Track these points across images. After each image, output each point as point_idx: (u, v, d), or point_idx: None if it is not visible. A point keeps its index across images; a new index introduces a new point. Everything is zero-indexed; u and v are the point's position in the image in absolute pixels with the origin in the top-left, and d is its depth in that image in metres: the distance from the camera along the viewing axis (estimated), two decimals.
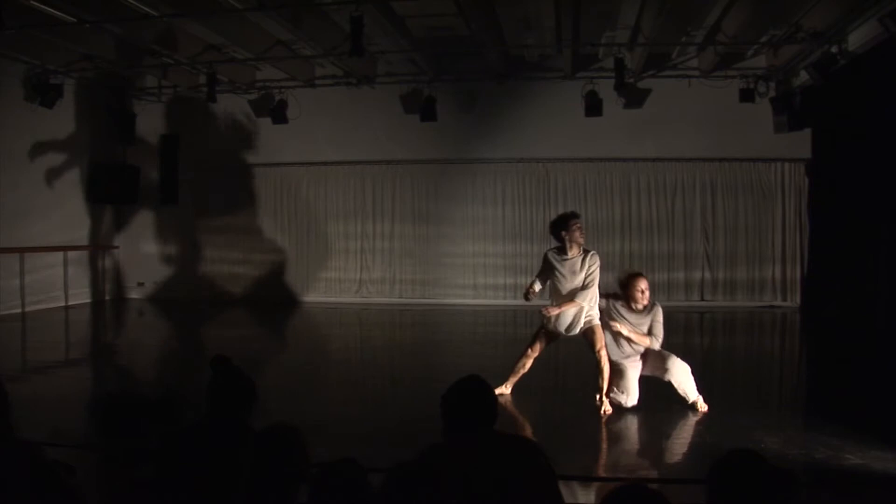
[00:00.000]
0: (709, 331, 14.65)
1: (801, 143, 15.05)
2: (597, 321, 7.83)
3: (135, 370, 10.00)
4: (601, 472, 5.63)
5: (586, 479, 5.20)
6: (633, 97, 15.39)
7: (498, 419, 3.49)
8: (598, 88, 14.89)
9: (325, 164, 17.00)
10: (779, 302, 15.74)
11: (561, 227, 8.10)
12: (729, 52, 14.00)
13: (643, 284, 7.62)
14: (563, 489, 3.51)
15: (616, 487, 2.62)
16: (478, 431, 3.40)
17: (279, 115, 15.97)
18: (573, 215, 8.21)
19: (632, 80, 14.92)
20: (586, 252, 8.09)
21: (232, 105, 16.46)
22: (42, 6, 11.06)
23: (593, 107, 14.90)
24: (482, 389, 3.49)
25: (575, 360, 11.49)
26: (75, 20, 11.69)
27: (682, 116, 15.43)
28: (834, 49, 12.12)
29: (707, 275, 16.07)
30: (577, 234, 8.03)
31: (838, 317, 13.13)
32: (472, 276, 16.71)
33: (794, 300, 15.65)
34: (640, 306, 7.62)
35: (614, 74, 13.92)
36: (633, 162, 16.00)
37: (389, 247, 17.08)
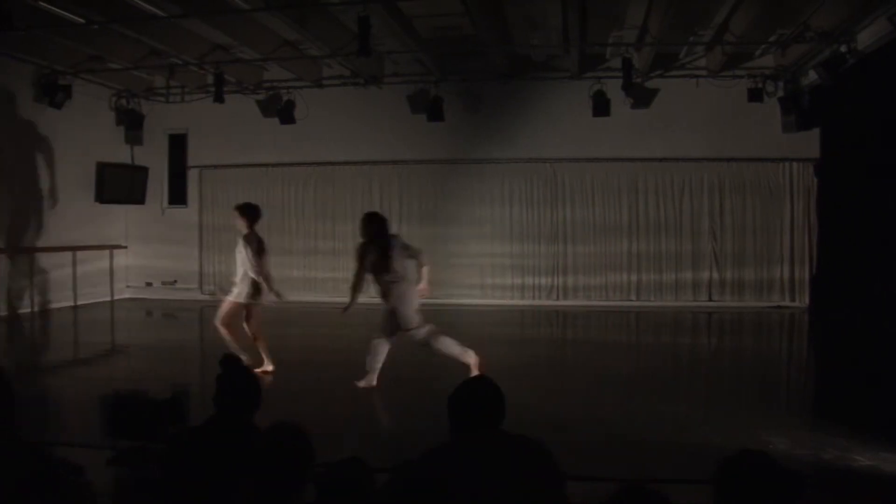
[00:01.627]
0: (716, 331, 14.63)
1: (809, 142, 15.01)
2: None
3: (143, 370, 10.02)
4: (604, 473, 5.61)
5: (589, 479, 5.18)
6: (641, 97, 15.35)
7: (505, 419, 3.48)
8: (605, 88, 14.90)
9: (332, 164, 17.02)
10: (787, 302, 15.70)
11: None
12: (737, 51, 13.96)
13: None
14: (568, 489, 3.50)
15: (619, 488, 2.61)
16: (485, 431, 3.39)
17: (287, 115, 16.00)
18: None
19: (639, 80, 14.90)
20: None
21: (239, 105, 16.47)
22: (50, 7, 11.10)
23: (601, 107, 14.89)
24: (490, 389, 3.48)
25: (573, 362, 11.50)
26: (83, 21, 11.72)
27: (690, 116, 15.41)
28: (843, 48, 12.08)
29: (715, 275, 16.02)
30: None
31: (846, 317, 13.08)
32: (479, 276, 16.70)
33: (803, 301, 15.60)
34: None
35: (622, 74, 13.92)
36: (641, 162, 15.97)
37: None
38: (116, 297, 17.29)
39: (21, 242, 14.56)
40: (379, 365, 8.77)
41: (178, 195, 18.01)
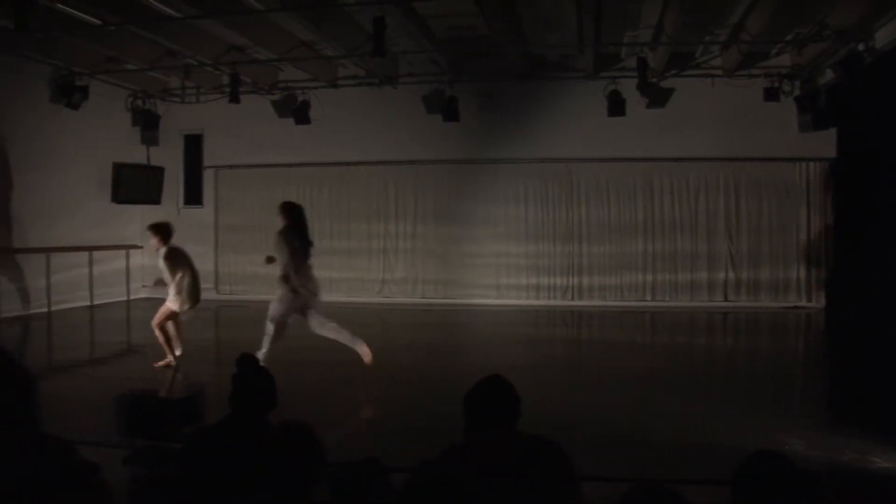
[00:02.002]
0: (732, 331, 14.57)
1: (825, 142, 14.94)
2: None
3: (158, 370, 10.05)
4: (618, 473, 5.60)
5: (603, 479, 5.17)
6: (656, 97, 15.30)
7: (520, 419, 3.48)
8: (620, 88, 14.85)
9: (347, 164, 17.05)
10: (803, 303, 15.62)
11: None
12: (753, 50, 13.90)
13: None
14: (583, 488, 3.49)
15: (633, 487, 2.60)
16: (500, 431, 3.39)
17: (302, 115, 16.03)
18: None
19: (655, 80, 14.84)
20: None
21: (255, 106, 16.51)
22: (67, 9, 11.16)
23: (616, 107, 14.85)
24: (504, 389, 3.48)
25: (588, 362, 11.48)
26: (100, 23, 11.78)
27: (706, 116, 15.36)
28: (861, 47, 12.00)
29: (730, 275, 15.96)
30: None
31: (862, 318, 13.00)
32: (494, 276, 16.69)
33: (819, 301, 15.52)
34: None
35: (637, 74, 13.87)
36: (657, 162, 15.92)
37: (412, 247, 17.10)
38: (132, 297, 17.37)
39: (38, 242, 14.64)
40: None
41: (193, 195, 18.08)
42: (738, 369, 10.58)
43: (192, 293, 9.91)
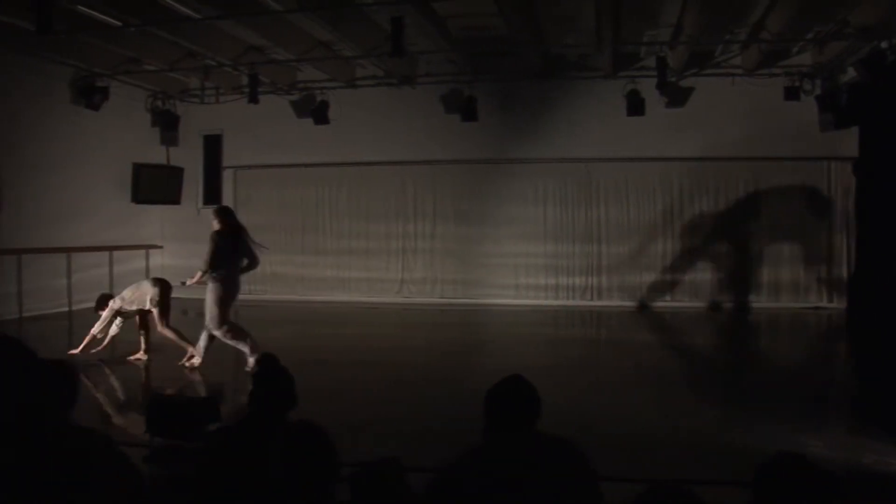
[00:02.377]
0: (752, 332, 14.49)
1: (847, 141, 14.79)
2: None
3: (179, 369, 10.10)
4: (637, 473, 5.57)
5: (621, 479, 5.15)
6: (676, 96, 15.26)
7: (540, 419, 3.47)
8: (639, 87, 14.81)
9: (365, 164, 17.06)
10: (824, 303, 15.51)
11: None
12: (773, 49, 13.82)
13: None
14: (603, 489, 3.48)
15: (649, 487, 2.59)
16: (520, 431, 3.38)
17: (320, 115, 16.09)
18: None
19: (674, 79, 14.80)
20: None
21: (274, 106, 16.56)
22: (89, 11, 11.23)
23: (635, 106, 14.81)
24: (524, 389, 3.48)
25: (606, 362, 11.45)
26: (120, 24, 11.85)
27: (726, 115, 15.27)
28: (884, 44, 11.90)
29: (750, 276, 15.85)
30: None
31: (884, 319, 12.89)
32: (513, 276, 16.67)
33: (840, 302, 15.38)
34: None
35: (656, 73, 13.83)
36: (676, 162, 15.85)
37: (430, 247, 17.11)
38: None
39: (58, 242, 14.75)
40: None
41: (212, 195, 18.14)
42: (758, 370, 10.51)
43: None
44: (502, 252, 16.65)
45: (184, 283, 10.29)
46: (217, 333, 9.56)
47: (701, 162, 15.77)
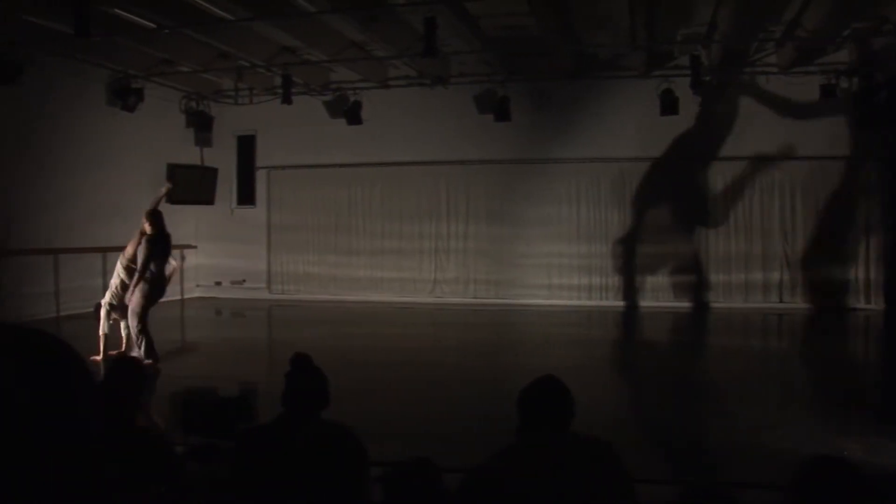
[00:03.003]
0: (787, 333, 14.34)
1: (884, 139, 14.61)
2: None
3: (212, 368, 10.18)
4: (672, 475, 5.54)
5: (657, 482, 5.11)
6: (710, 95, 15.13)
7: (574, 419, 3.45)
8: (673, 87, 14.68)
9: (398, 164, 17.09)
10: (861, 304, 15.28)
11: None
12: (809, 46, 13.66)
13: None
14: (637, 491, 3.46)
15: (686, 489, 2.57)
16: (554, 432, 3.36)
17: (353, 116, 16.13)
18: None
19: (708, 78, 14.67)
20: None
21: (307, 106, 16.64)
22: (124, 14, 11.35)
23: (669, 105, 14.69)
24: (559, 390, 3.46)
25: (641, 363, 11.37)
26: (155, 26, 11.96)
27: (760, 114, 15.12)
28: None
29: (785, 276, 15.68)
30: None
31: None
32: (546, 276, 16.61)
33: (878, 303, 15.17)
34: None
35: (690, 72, 13.73)
36: (710, 161, 15.71)
37: (463, 247, 17.09)
38: (186, 296, 17.57)
39: (93, 242, 14.91)
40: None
41: (246, 195, 18.29)
42: (795, 371, 10.40)
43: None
44: (535, 252, 16.60)
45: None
46: (131, 324, 9.72)
47: (735, 161, 15.63)
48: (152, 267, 9.84)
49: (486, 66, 15.43)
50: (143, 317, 9.66)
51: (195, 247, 18.02)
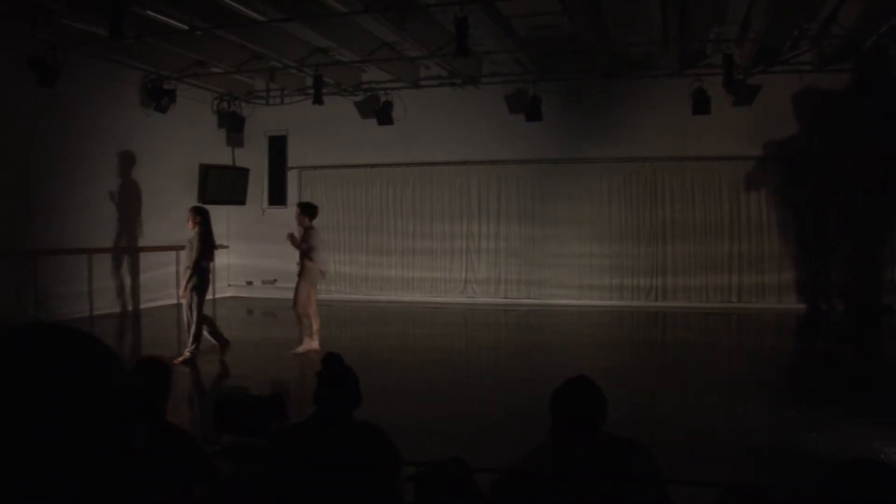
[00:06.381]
0: (822, 334, 14.16)
1: None
2: None
3: (245, 367, 10.24)
4: (708, 477, 5.48)
5: (693, 483, 5.07)
6: (743, 94, 14.99)
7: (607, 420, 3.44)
8: (705, 86, 14.55)
9: (430, 164, 17.10)
10: None
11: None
12: (844, 44, 13.48)
13: None
14: (671, 492, 3.43)
15: (725, 489, 2.54)
16: (587, 432, 3.35)
17: (385, 116, 16.16)
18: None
19: (741, 77, 14.53)
20: None
21: (338, 107, 16.70)
22: (157, 15, 11.45)
23: (701, 104, 14.56)
24: (591, 390, 3.44)
25: (674, 364, 11.29)
26: (187, 28, 12.05)
27: (794, 113, 14.95)
28: None
29: (820, 277, 15.47)
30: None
31: None
32: (577, 276, 16.54)
33: None
34: None
35: (723, 71, 13.61)
36: (743, 161, 15.56)
37: (495, 247, 17.07)
38: (218, 296, 17.68)
39: (127, 242, 15.07)
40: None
41: (277, 196, 18.39)
42: (830, 373, 10.26)
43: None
44: (567, 252, 16.53)
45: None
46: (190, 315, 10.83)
47: (768, 161, 15.47)
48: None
49: (517, 65, 15.40)
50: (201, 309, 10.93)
51: (227, 247, 18.13)
